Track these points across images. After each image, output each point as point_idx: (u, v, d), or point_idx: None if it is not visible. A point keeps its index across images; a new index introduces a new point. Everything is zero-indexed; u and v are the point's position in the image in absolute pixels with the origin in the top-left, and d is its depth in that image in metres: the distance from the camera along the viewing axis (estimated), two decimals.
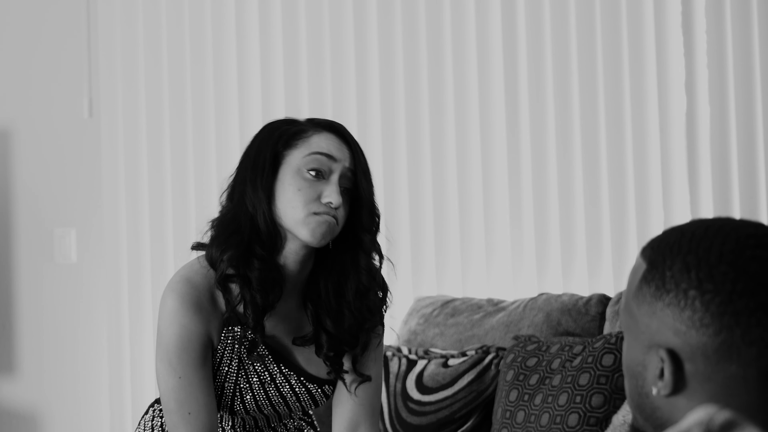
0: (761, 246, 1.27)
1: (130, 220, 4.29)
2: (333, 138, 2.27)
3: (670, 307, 1.28)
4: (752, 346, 1.24)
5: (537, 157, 4.21)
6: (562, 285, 4.15)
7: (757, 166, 4.13)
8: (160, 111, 4.31)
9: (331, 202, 2.21)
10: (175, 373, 2.23)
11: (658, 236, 1.35)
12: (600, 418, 3.05)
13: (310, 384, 2.37)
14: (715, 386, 1.26)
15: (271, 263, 2.25)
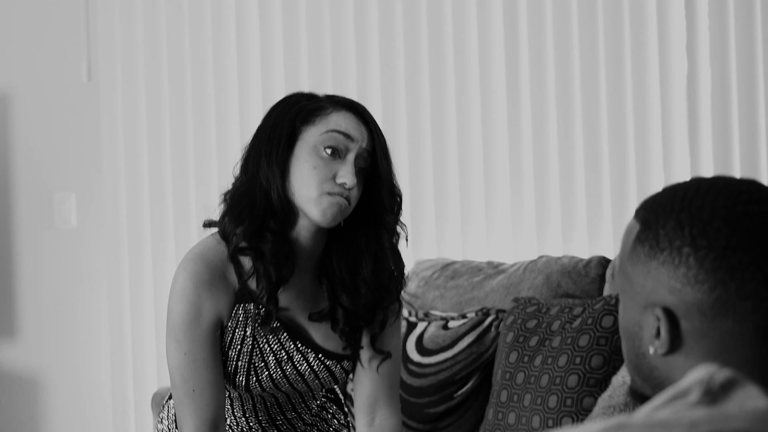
0: (753, 201, 1.27)
1: (129, 184, 4.29)
2: (352, 117, 2.25)
3: (665, 265, 1.28)
4: (747, 300, 1.24)
5: (537, 119, 4.20)
6: (562, 247, 4.16)
7: (757, 129, 4.13)
8: (159, 73, 4.29)
9: (345, 182, 2.19)
10: (181, 349, 2.23)
11: (651, 196, 1.35)
12: (599, 379, 3.06)
13: (328, 360, 2.35)
14: (712, 342, 1.27)
15: (284, 237, 2.24)
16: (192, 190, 4.28)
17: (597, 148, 4.18)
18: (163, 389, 3.52)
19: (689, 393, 0.91)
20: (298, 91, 2.36)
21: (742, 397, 0.90)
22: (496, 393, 3.27)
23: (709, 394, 0.90)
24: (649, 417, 0.87)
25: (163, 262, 4.30)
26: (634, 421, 0.86)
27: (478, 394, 3.46)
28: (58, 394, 4.39)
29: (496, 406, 3.24)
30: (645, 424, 0.85)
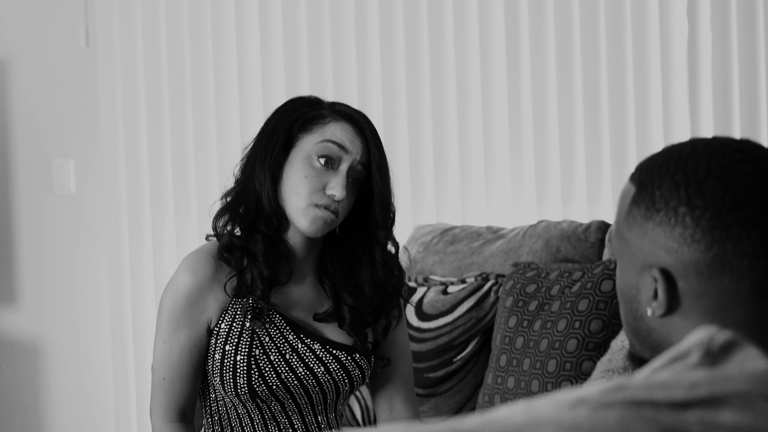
0: (748, 160, 1.27)
1: (128, 150, 4.28)
2: (349, 128, 2.25)
3: (661, 225, 1.28)
4: (744, 258, 1.24)
5: (537, 83, 4.19)
6: (562, 212, 4.16)
7: (758, 94, 4.12)
8: (157, 38, 4.28)
9: (334, 195, 2.20)
10: (161, 337, 2.28)
11: (646, 159, 1.35)
12: (598, 343, 3.07)
13: (336, 351, 2.32)
14: (709, 302, 1.27)
15: (275, 240, 2.26)
16: (191, 155, 4.28)
17: (597, 112, 4.17)
18: None
19: (689, 355, 0.91)
20: (301, 95, 2.37)
21: (742, 358, 0.90)
22: (496, 357, 3.28)
23: (709, 356, 0.90)
24: (649, 378, 0.87)
25: (162, 227, 4.30)
26: (634, 383, 0.86)
27: (478, 358, 3.47)
28: (58, 360, 4.40)
29: (496, 370, 3.25)
30: (645, 386, 0.85)
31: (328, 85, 4.24)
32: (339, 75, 4.25)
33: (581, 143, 4.18)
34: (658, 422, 0.80)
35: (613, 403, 0.82)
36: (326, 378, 2.30)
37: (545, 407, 0.82)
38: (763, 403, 0.85)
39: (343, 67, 4.26)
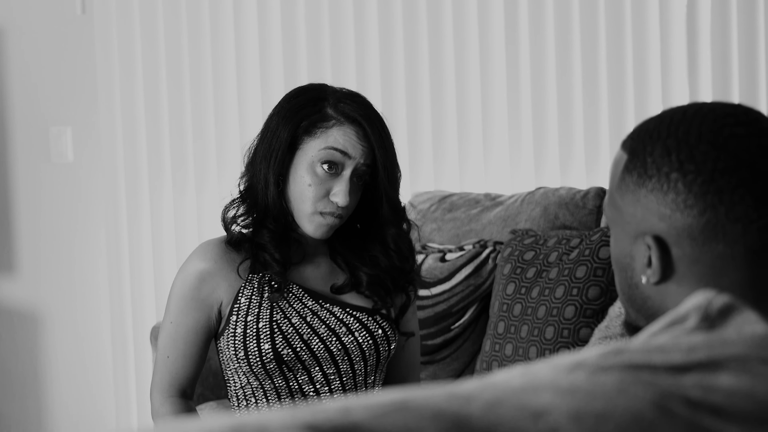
0: (740, 124, 1.27)
1: (125, 118, 4.27)
2: (353, 133, 2.24)
3: (654, 192, 1.28)
4: (737, 222, 1.24)
5: (535, 50, 4.18)
6: (560, 179, 4.16)
7: (757, 60, 4.11)
8: (154, 4, 4.26)
9: (338, 202, 2.22)
10: (169, 317, 2.32)
11: (637, 126, 1.34)
12: (596, 310, 3.07)
13: (357, 312, 2.33)
14: (704, 268, 1.27)
15: (283, 233, 2.29)
16: (188, 122, 4.27)
17: (595, 78, 4.17)
18: None
19: (687, 319, 0.91)
20: (305, 86, 2.34)
21: (740, 322, 0.90)
22: (494, 324, 3.28)
23: (707, 320, 0.90)
24: (647, 342, 0.87)
25: (161, 194, 4.30)
26: (632, 347, 0.86)
27: (476, 325, 3.48)
28: (56, 329, 4.41)
29: (493, 337, 3.26)
30: (643, 350, 0.85)
31: (326, 56, 4.23)
32: (337, 46, 4.24)
33: (579, 110, 4.17)
34: (655, 386, 0.80)
35: (611, 367, 0.83)
36: (349, 339, 2.31)
37: (543, 371, 0.82)
38: (761, 367, 0.85)
39: (342, 38, 4.24)
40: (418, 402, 0.73)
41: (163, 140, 4.28)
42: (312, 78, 4.13)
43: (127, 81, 4.26)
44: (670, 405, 0.79)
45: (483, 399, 0.75)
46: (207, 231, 4.27)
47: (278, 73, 4.24)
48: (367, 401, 0.72)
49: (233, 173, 4.22)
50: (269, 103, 4.14)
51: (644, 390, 0.79)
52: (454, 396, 0.75)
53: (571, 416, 0.74)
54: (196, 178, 4.28)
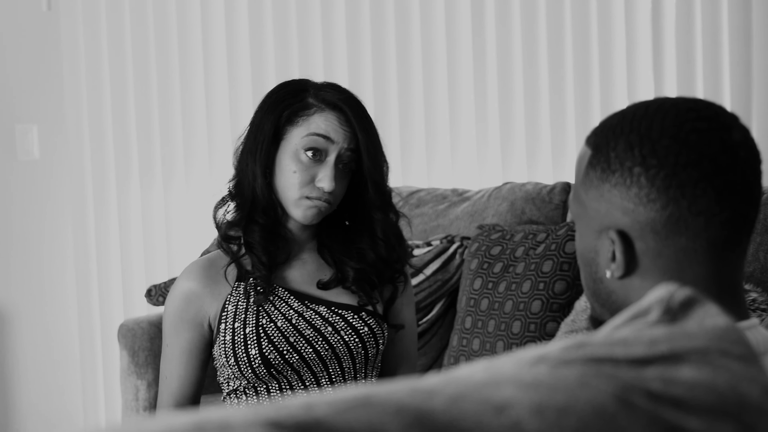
0: (701, 118, 1.28)
1: (92, 115, 4.25)
2: (335, 118, 2.27)
3: (617, 187, 1.29)
4: (699, 216, 1.25)
5: (502, 45, 4.19)
6: (527, 174, 4.17)
7: (720, 54, 4.13)
8: (120, 0, 4.24)
9: (324, 187, 2.24)
10: (165, 341, 2.35)
11: (601, 122, 1.35)
12: (563, 304, 3.08)
13: (342, 310, 2.33)
14: (667, 261, 1.28)
15: (272, 228, 2.31)
16: (155, 118, 4.25)
17: (561, 74, 4.18)
18: (130, 321, 3.52)
19: (649, 312, 0.91)
20: (288, 81, 2.36)
21: (701, 315, 0.90)
22: (461, 319, 3.29)
23: (669, 313, 0.91)
24: (609, 336, 0.88)
25: (128, 192, 4.28)
26: (594, 340, 0.87)
27: (443, 321, 3.48)
28: (24, 327, 4.38)
29: (461, 332, 3.27)
30: (605, 343, 0.86)
31: (293, 52, 4.23)
32: (303, 43, 4.23)
33: (546, 105, 4.18)
34: (617, 379, 0.81)
35: (574, 361, 0.83)
36: (336, 338, 2.31)
37: (506, 365, 0.82)
38: (722, 359, 0.86)
39: (309, 35, 4.24)
40: (380, 397, 0.73)
41: (130, 137, 4.26)
42: (279, 75, 4.14)
43: (93, 77, 4.24)
44: (632, 398, 0.79)
45: (446, 393, 0.75)
46: (175, 228, 4.26)
47: (245, 67, 4.23)
48: (330, 397, 0.72)
49: (201, 169, 4.22)
50: (236, 98, 4.14)
51: (606, 383, 0.80)
52: (417, 391, 0.75)
53: (533, 410, 0.75)
54: (164, 175, 4.26)
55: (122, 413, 3.49)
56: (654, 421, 0.79)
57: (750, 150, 1.29)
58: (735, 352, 0.87)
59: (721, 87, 4.12)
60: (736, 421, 0.82)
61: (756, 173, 1.29)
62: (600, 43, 4.17)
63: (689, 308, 0.92)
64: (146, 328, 3.46)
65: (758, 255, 2.99)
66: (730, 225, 1.26)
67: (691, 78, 4.14)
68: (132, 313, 4.21)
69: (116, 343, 4.08)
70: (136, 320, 3.51)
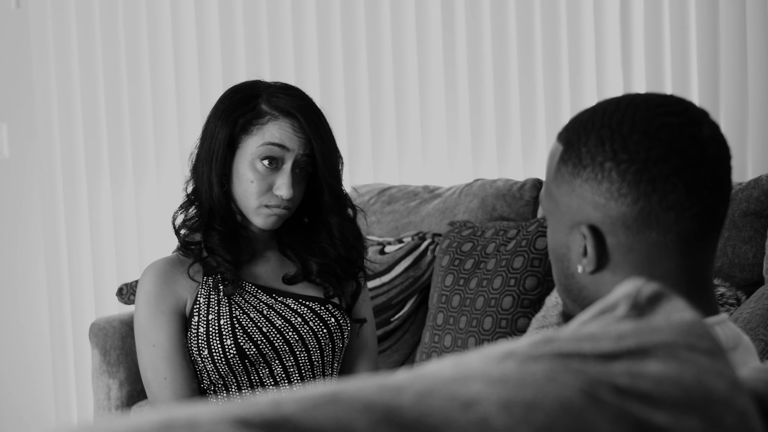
0: (671, 114, 1.28)
1: (62, 113, 4.23)
2: (289, 125, 2.26)
3: (588, 182, 1.29)
4: (670, 210, 1.26)
5: (472, 40, 4.20)
6: (498, 170, 4.18)
7: (688, 51, 4.15)
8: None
9: (282, 195, 2.24)
10: (150, 342, 2.28)
11: (572, 118, 1.36)
12: (533, 300, 3.09)
13: (309, 302, 2.35)
14: (638, 256, 1.28)
15: (231, 232, 2.30)
16: (126, 116, 4.24)
17: (531, 71, 4.19)
18: (101, 319, 3.50)
19: (617, 307, 0.92)
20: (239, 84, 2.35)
21: (668, 309, 0.91)
22: (433, 316, 3.29)
23: (636, 308, 0.91)
24: (577, 331, 0.88)
25: (98, 191, 4.27)
26: (562, 336, 0.87)
27: (415, 317, 3.49)
28: None
29: (433, 329, 3.27)
30: (572, 338, 0.86)
31: (263, 50, 4.22)
32: (275, 38, 4.22)
33: (516, 102, 4.19)
34: (585, 373, 0.81)
35: (541, 356, 0.83)
36: (305, 329, 2.32)
37: (474, 361, 0.83)
38: (688, 353, 0.86)
39: (280, 31, 4.23)
40: (348, 394, 0.73)
41: (100, 136, 4.24)
42: (250, 72, 4.13)
43: (63, 76, 4.22)
44: (599, 392, 0.80)
45: (414, 390, 0.75)
46: (146, 226, 4.24)
47: (216, 65, 4.22)
48: (298, 394, 0.72)
49: (172, 168, 4.21)
50: (207, 97, 4.12)
51: (573, 378, 0.80)
52: (385, 387, 0.75)
53: (501, 405, 0.75)
54: (135, 173, 4.25)
55: (94, 412, 3.48)
56: (621, 415, 0.79)
57: (720, 145, 1.29)
58: (701, 346, 0.88)
59: (689, 83, 4.13)
60: (702, 415, 0.82)
61: (726, 168, 1.30)
62: (569, 40, 4.18)
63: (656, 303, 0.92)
64: (118, 326, 3.44)
65: (726, 250, 3.01)
66: (700, 219, 1.27)
67: (660, 75, 4.16)
68: (103, 312, 4.19)
69: (88, 342, 4.06)
70: (107, 319, 3.50)
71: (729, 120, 4.01)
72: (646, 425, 0.80)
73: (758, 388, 0.93)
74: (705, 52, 4.08)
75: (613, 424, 0.78)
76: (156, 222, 4.25)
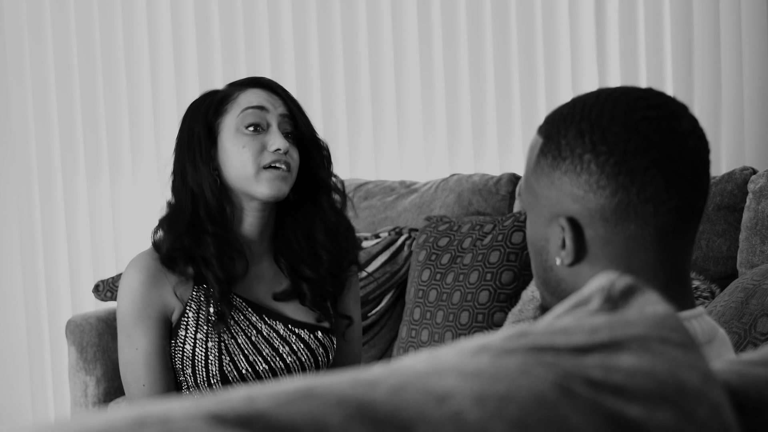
0: (651, 107, 1.29)
1: (38, 108, 4.20)
2: (259, 91, 2.28)
3: (567, 174, 1.30)
4: (648, 203, 1.27)
5: (448, 38, 4.20)
6: (474, 165, 4.18)
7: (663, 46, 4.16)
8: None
9: (278, 148, 2.22)
10: (133, 345, 2.23)
11: (552, 111, 1.36)
12: (510, 294, 3.10)
13: (299, 329, 2.31)
14: (616, 248, 1.29)
15: (226, 236, 2.25)
16: (102, 112, 4.22)
17: (507, 66, 4.19)
18: (78, 316, 3.49)
19: (590, 300, 0.92)
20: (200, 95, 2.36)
21: (641, 302, 0.91)
22: (410, 311, 3.30)
23: (609, 301, 0.91)
24: (551, 324, 0.89)
25: (74, 187, 4.25)
26: (536, 329, 0.87)
27: (392, 312, 3.49)
28: None
29: (410, 323, 3.27)
30: (546, 332, 0.87)
31: (239, 42, 4.21)
32: (250, 32, 4.22)
33: (492, 97, 4.20)
34: (558, 367, 0.81)
35: (515, 350, 0.84)
36: (292, 359, 2.30)
37: (448, 355, 0.83)
38: (661, 346, 0.87)
39: (256, 24, 4.22)
40: (322, 389, 0.73)
41: (76, 131, 4.22)
42: (225, 61, 4.13)
43: (38, 70, 4.20)
44: (572, 386, 0.80)
45: (388, 384, 0.75)
46: (122, 222, 4.23)
47: (191, 59, 4.21)
48: (272, 389, 0.72)
49: (148, 164, 4.19)
50: (182, 91, 4.11)
51: (546, 371, 0.80)
52: (359, 382, 0.75)
53: (475, 399, 0.75)
54: (111, 169, 4.23)
55: (71, 409, 3.47)
56: (594, 408, 0.79)
57: (699, 139, 1.30)
58: (674, 339, 0.88)
59: (664, 78, 4.15)
60: (675, 408, 0.83)
61: (704, 162, 1.31)
62: (545, 35, 4.18)
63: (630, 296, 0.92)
64: (94, 323, 3.43)
65: (700, 243, 3.02)
66: (678, 212, 1.28)
67: (635, 70, 4.17)
68: (80, 309, 4.18)
69: (64, 338, 4.05)
70: (84, 316, 3.49)
71: (703, 115, 4.02)
72: (620, 418, 0.80)
73: (731, 381, 0.94)
74: (679, 47, 4.09)
75: (587, 417, 0.78)
76: (132, 217, 4.24)
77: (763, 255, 2.88)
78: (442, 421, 0.72)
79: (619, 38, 4.16)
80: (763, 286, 2.43)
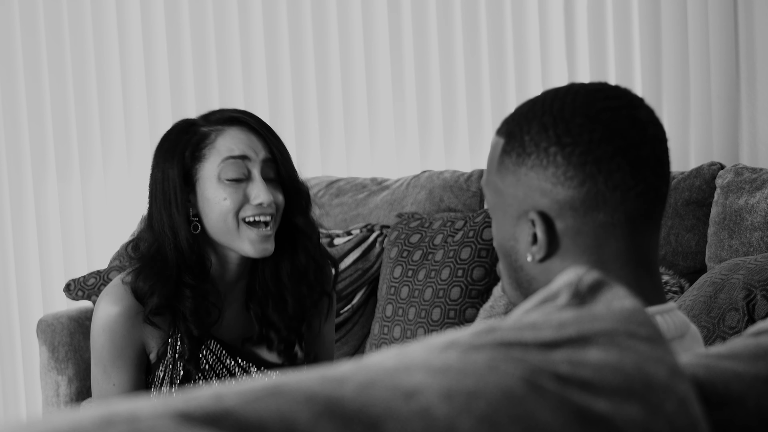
0: (609, 97, 1.32)
1: (6, 106, 4.18)
2: (238, 132, 2.16)
3: (534, 168, 1.31)
4: (616, 190, 1.28)
5: (418, 35, 4.20)
6: (445, 162, 4.19)
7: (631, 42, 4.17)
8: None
9: (261, 202, 2.13)
10: (110, 380, 2.18)
11: (511, 113, 1.37)
12: (481, 291, 3.11)
13: (270, 371, 2.27)
14: (587, 239, 1.30)
15: (204, 289, 2.17)
16: (72, 110, 4.20)
17: (477, 62, 4.20)
18: (49, 316, 3.48)
19: (558, 296, 0.93)
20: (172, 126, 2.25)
21: (609, 297, 0.92)
22: (382, 308, 3.30)
23: (577, 296, 0.92)
24: (519, 320, 0.89)
25: (45, 185, 4.22)
26: (504, 325, 0.88)
27: (365, 309, 3.50)
28: None
29: (382, 320, 3.28)
30: (514, 327, 0.87)
31: (210, 41, 4.20)
32: (221, 30, 4.21)
33: (462, 94, 4.20)
34: (526, 362, 0.82)
35: (483, 345, 0.84)
36: None
37: (417, 351, 0.83)
38: (628, 340, 0.87)
39: (226, 22, 4.21)
40: (290, 386, 0.73)
41: (46, 129, 4.20)
42: (195, 61, 4.12)
43: (7, 68, 4.17)
44: (540, 381, 0.80)
45: (356, 381, 0.75)
46: (93, 221, 4.21)
47: (162, 56, 4.19)
48: (239, 387, 0.73)
49: (119, 162, 4.18)
50: (153, 89, 4.10)
51: (514, 367, 0.81)
52: (327, 379, 0.75)
53: (443, 395, 0.75)
54: (81, 167, 4.21)
55: (43, 409, 3.45)
56: (562, 403, 0.80)
57: (657, 127, 1.33)
58: (642, 333, 0.89)
59: (633, 75, 4.16)
60: (642, 402, 0.83)
61: (664, 149, 1.33)
62: (514, 32, 4.19)
63: (597, 291, 0.93)
64: (66, 323, 3.42)
65: (669, 239, 3.04)
66: (645, 198, 1.30)
67: (603, 67, 4.18)
68: (51, 308, 4.15)
69: (35, 338, 4.03)
70: (55, 315, 3.47)
71: (671, 111, 4.04)
72: (587, 412, 0.80)
73: (698, 374, 0.94)
74: (647, 45, 4.11)
75: (554, 412, 0.79)
76: (103, 216, 4.22)
77: (731, 249, 2.90)
78: (411, 417, 0.73)
79: (588, 35, 4.17)
80: (731, 281, 2.44)
